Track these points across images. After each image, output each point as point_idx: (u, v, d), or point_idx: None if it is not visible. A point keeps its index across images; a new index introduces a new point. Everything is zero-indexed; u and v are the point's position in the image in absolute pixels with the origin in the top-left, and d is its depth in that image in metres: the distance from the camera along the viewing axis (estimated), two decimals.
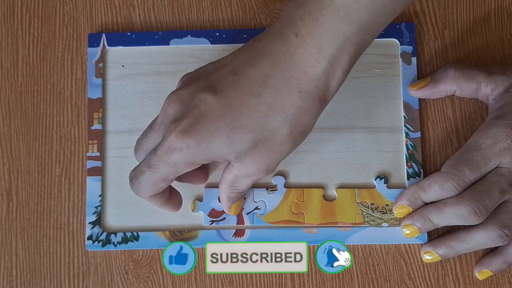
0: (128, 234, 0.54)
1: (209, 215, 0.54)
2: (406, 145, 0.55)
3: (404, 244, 0.54)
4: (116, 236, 0.54)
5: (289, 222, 0.54)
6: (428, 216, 0.51)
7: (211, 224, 0.54)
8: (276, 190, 0.54)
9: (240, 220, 0.54)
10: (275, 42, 0.44)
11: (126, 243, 0.54)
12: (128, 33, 0.57)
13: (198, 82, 0.45)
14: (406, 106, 0.55)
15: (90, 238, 0.54)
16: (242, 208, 0.54)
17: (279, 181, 0.54)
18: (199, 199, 0.54)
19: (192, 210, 0.54)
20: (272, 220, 0.54)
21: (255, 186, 0.54)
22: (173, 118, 0.45)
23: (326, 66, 0.43)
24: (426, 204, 0.52)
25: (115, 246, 0.54)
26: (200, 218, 0.54)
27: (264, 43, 0.45)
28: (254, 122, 0.44)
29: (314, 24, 0.42)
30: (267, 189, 0.54)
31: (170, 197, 0.51)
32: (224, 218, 0.54)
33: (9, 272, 0.55)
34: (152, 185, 0.47)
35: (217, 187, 0.54)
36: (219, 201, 0.54)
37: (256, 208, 0.54)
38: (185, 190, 0.54)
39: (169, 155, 0.45)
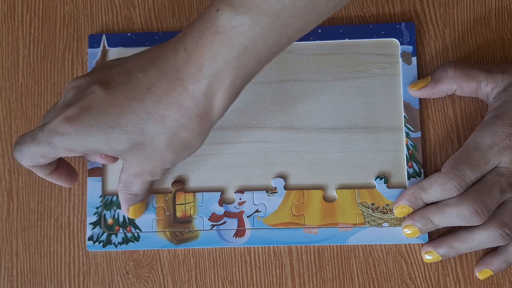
0: (129, 235, 0.54)
1: (210, 219, 0.54)
2: (407, 145, 0.55)
3: (404, 244, 0.54)
4: (116, 236, 0.54)
5: (290, 224, 0.54)
6: (429, 217, 0.51)
7: (211, 228, 0.54)
8: (276, 192, 0.54)
9: (240, 223, 0.54)
10: (168, 53, 0.45)
11: (127, 243, 0.54)
12: (128, 34, 0.57)
13: (99, 73, 0.47)
14: (407, 106, 0.55)
15: (90, 238, 0.54)
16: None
17: (279, 184, 0.54)
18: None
19: (192, 215, 0.54)
20: (273, 223, 0.54)
21: (255, 188, 0.54)
22: (66, 102, 0.47)
23: (206, 87, 0.43)
24: (426, 204, 0.52)
25: (116, 246, 0.54)
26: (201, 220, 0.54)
27: (160, 50, 0.46)
28: (133, 125, 0.45)
29: (199, 43, 0.43)
30: (267, 191, 0.54)
31: (58, 170, 0.51)
32: (225, 222, 0.54)
33: (10, 272, 0.55)
34: (31, 157, 0.47)
35: (215, 190, 0.55)
36: (220, 205, 0.54)
37: (257, 211, 0.54)
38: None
39: (51, 136, 0.46)
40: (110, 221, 0.54)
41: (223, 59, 0.42)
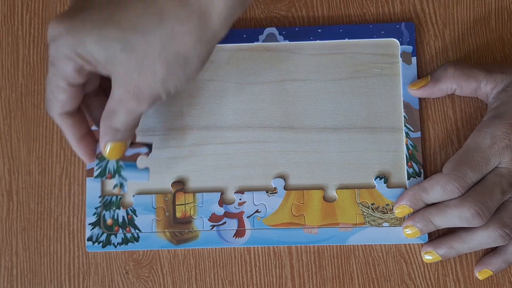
0: (128, 235, 0.54)
1: (210, 219, 0.54)
2: (406, 145, 0.55)
3: (404, 244, 0.54)
4: (116, 237, 0.54)
5: (290, 225, 0.54)
6: (430, 218, 0.51)
7: (211, 229, 0.54)
8: (276, 192, 0.54)
9: (241, 223, 0.54)
10: None
11: (127, 244, 0.54)
12: None
13: None
14: (406, 106, 0.55)
15: (90, 239, 0.54)
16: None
17: (279, 184, 0.54)
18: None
19: (192, 215, 0.54)
20: (273, 223, 0.54)
21: (255, 189, 0.54)
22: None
23: None
24: (427, 205, 0.52)
25: (115, 247, 0.54)
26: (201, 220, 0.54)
27: None
28: (127, 19, 0.41)
29: None
30: (267, 192, 0.54)
31: (87, 140, 0.49)
32: (225, 223, 0.54)
33: (10, 272, 0.55)
34: (51, 95, 0.45)
35: (215, 191, 0.54)
36: (220, 205, 0.54)
37: (257, 211, 0.54)
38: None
39: (50, 49, 0.43)
40: (109, 221, 0.54)
41: None
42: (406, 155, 0.55)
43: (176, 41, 0.42)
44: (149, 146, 0.51)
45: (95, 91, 0.49)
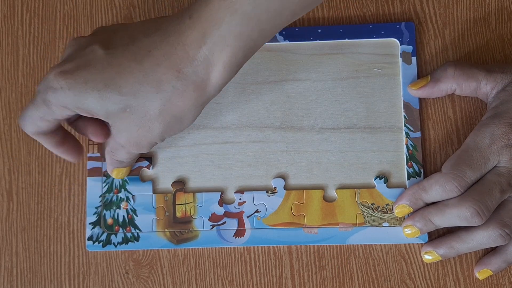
0: (129, 235, 0.54)
1: (210, 219, 0.54)
2: (406, 144, 0.55)
3: (404, 244, 0.54)
4: (116, 236, 0.54)
5: (290, 224, 0.54)
6: (430, 218, 0.51)
7: (211, 228, 0.54)
8: (276, 192, 0.54)
9: (240, 223, 0.54)
10: (173, 20, 0.45)
11: (127, 243, 0.54)
12: None
13: (101, 34, 0.47)
14: (406, 106, 0.55)
15: (90, 238, 0.54)
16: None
17: (279, 184, 0.54)
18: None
19: (192, 215, 0.54)
20: (273, 223, 0.54)
21: (255, 189, 0.54)
22: (63, 58, 0.47)
23: (207, 54, 0.43)
24: (427, 204, 0.52)
25: (116, 246, 0.54)
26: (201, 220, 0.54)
27: (165, 19, 0.46)
28: (128, 86, 0.44)
29: (204, 10, 0.43)
30: (267, 191, 0.54)
31: (65, 143, 0.50)
32: (225, 222, 0.54)
33: (10, 272, 0.55)
34: (32, 121, 0.47)
35: (214, 191, 0.55)
36: (220, 205, 0.54)
37: (257, 211, 0.54)
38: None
39: (45, 92, 0.45)
40: (109, 221, 0.54)
41: (226, 25, 0.42)
42: (406, 155, 0.55)
43: (172, 107, 0.45)
44: (150, 159, 0.55)
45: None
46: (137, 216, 0.54)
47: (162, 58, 0.44)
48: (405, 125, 0.55)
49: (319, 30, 0.56)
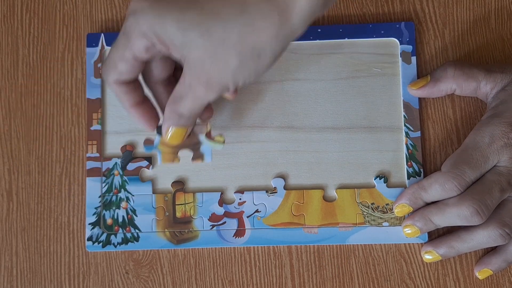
0: (128, 235, 0.54)
1: (209, 219, 0.54)
2: (406, 144, 0.55)
3: (404, 244, 0.54)
4: (116, 236, 0.54)
5: (290, 224, 0.54)
6: (430, 217, 0.51)
7: (211, 229, 0.54)
8: (276, 192, 0.54)
9: (240, 223, 0.54)
10: None
11: (127, 243, 0.54)
12: None
13: None
14: (406, 106, 0.55)
15: (90, 239, 0.54)
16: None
17: (278, 183, 0.54)
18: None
19: (192, 215, 0.54)
20: (273, 223, 0.54)
21: (255, 189, 0.54)
22: None
23: None
24: (426, 203, 0.52)
25: (115, 247, 0.54)
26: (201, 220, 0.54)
27: None
28: (210, 4, 0.42)
29: None
30: (267, 191, 0.54)
31: (143, 105, 0.49)
32: (225, 222, 0.54)
33: (10, 272, 0.55)
34: (113, 63, 0.45)
35: (215, 191, 0.55)
36: (220, 205, 0.54)
37: (257, 211, 0.54)
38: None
39: (126, 20, 0.44)
40: (109, 221, 0.54)
41: None
42: (406, 154, 0.55)
43: (254, 34, 0.42)
44: (150, 159, 0.55)
45: (167, 79, 0.49)
46: (136, 216, 0.54)
47: None
48: (405, 125, 0.55)
49: (319, 30, 0.56)
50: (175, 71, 0.50)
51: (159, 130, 0.50)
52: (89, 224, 0.54)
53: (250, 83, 0.44)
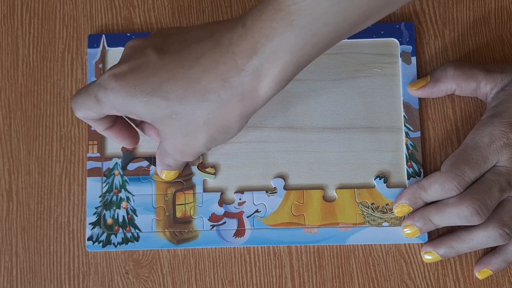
0: (129, 235, 0.54)
1: (209, 219, 0.54)
2: (406, 144, 0.55)
3: (404, 244, 0.54)
4: (116, 236, 0.54)
5: (290, 224, 0.54)
6: (429, 217, 0.51)
7: (211, 229, 0.54)
8: (276, 192, 0.54)
9: (240, 223, 0.54)
10: (226, 27, 0.44)
11: (127, 243, 0.54)
12: (128, 34, 0.57)
13: (156, 38, 0.47)
14: (406, 106, 0.55)
15: (90, 238, 0.54)
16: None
17: (278, 184, 0.54)
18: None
19: (192, 215, 0.54)
20: (272, 223, 0.54)
21: (255, 188, 0.54)
22: (120, 60, 0.47)
23: (257, 65, 0.42)
24: (426, 203, 0.52)
25: (116, 246, 0.54)
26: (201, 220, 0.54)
27: (219, 25, 0.45)
28: (175, 92, 0.44)
29: (258, 19, 0.41)
30: (267, 191, 0.54)
31: (116, 128, 0.51)
32: (225, 222, 0.54)
33: (9, 272, 0.55)
34: (82, 108, 0.47)
35: (213, 191, 0.55)
36: (219, 205, 0.54)
37: (257, 211, 0.54)
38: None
39: (97, 90, 0.45)
40: (109, 221, 0.54)
41: (280, 37, 0.40)
42: (406, 154, 0.55)
43: (217, 117, 0.44)
44: (150, 159, 0.55)
45: None
46: (137, 216, 0.54)
47: (209, 66, 0.43)
48: (405, 125, 0.55)
49: None
50: None
51: (155, 162, 0.55)
52: (90, 224, 0.54)
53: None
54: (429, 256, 0.53)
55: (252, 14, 0.42)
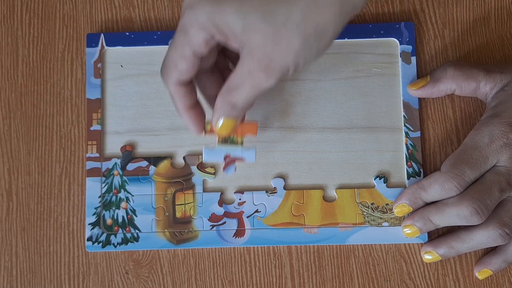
0: (128, 235, 0.54)
1: (209, 219, 0.54)
2: (406, 144, 0.55)
3: (404, 244, 0.54)
4: (116, 237, 0.54)
5: (290, 224, 0.54)
6: (429, 217, 0.51)
7: (211, 229, 0.54)
8: (276, 192, 0.54)
9: (240, 223, 0.54)
10: None
11: (126, 244, 0.54)
12: (127, 33, 0.57)
13: None
14: (406, 106, 0.55)
15: (90, 239, 0.54)
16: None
17: (278, 184, 0.54)
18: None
19: (192, 215, 0.54)
20: (272, 223, 0.54)
21: (255, 188, 0.54)
22: None
23: None
24: (426, 203, 0.52)
25: (115, 247, 0.54)
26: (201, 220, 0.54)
27: None
28: None
29: None
30: (267, 191, 0.54)
31: (195, 109, 0.48)
32: (225, 223, 0.54)
33: (9, 272, 0.55)
34: (172, 63, 0.45)
35: (213, 191, 0.55)
36: (219, 205, 0.54)
37: (257, 211, 0.54)
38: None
39: (183, 15, 0.43)
40: (109, 221, 0.54)
41: None
42: (405, 154, 0.55)
43: (317, 12, 0.41)
44: (150, 159, 0.55)
45: (210, 68, 0.49)
46: (136, 216, 0.54)
47: None
48: (404, 125, 0.55)
49: None
50: (218, 60, 0.50)
51: (155, 162, 0.55)
52: (89, 224, 0.54)
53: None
54: (429, 256, 0.53)
55: None
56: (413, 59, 0.56)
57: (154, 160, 0.55)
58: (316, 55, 0.43)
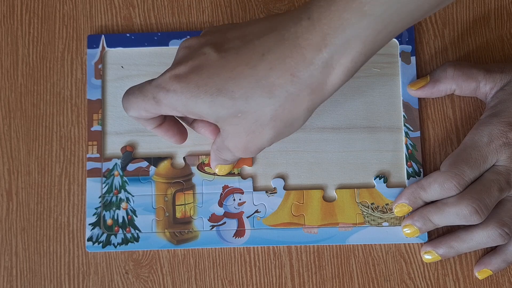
0: (128, 235, 0.54)
1: (209, 220, 0.54)
2: (406, 144, 0.55)
3: (404, 244, 0.54)
4: (116, 237, 0.54)
5: (290, 225, 0.54)
6: (429, 216, 0.51)
7: (211, 229, 0.54)
8: (276, 192, 0.54)
9: (240, 223, 0.54)
10: (289, 21, 0.42)
11: (127, 244, 0.54)
12: (128, 34, 0.57)
13: (212, 35, 0.46)
14: (406, 106, 0.55)
15: (90, 239, 0.54)
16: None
17: (278, 184, 0.54)
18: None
19: (192, 216, 0.54)
20: (272, 223, 0.54)
21: (255, 189, 0.54)
22: (177, 61, 0.46)
23: (327, 57, 0.41)
24: (426, 203, 0.52)
25: (115, 247, 0.54)
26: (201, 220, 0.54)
27: (280, 19, 0.44)
28: (240, 91, 0.43)
29: (326, 11, 0.40)
30: (266, 192, 0.54)
31: (165, 125, 0.50)
32: (225, 223, 0.54)
33: (9, 272, 0.55)
34: (136, 109, 0.47)
35: (214, 191, 0.55)
36: (219, 205, 0.54)
37: (256, 211, 0.54)
38: None
39: (157, 91, 0.45)
40: (109, 221, 0.54)
41: (353, 28, 0.39)
42: (405, 154, 0.55)
43: (285, 112, 0.43)
44: (150, 159, 0.55)
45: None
46: (136, 216, 0.54)
47: (276, 61, 0.42)
48: (404, 125, 0.55)
49: None
50: None
51: (155, 162, 0.55)
52: (89, 224, 0.54)
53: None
54: (429, 256, 0.53)
55: (318, 5, 0.41)
56: (413, 59, 0.56)
57: (154, 160, 0.55)
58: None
